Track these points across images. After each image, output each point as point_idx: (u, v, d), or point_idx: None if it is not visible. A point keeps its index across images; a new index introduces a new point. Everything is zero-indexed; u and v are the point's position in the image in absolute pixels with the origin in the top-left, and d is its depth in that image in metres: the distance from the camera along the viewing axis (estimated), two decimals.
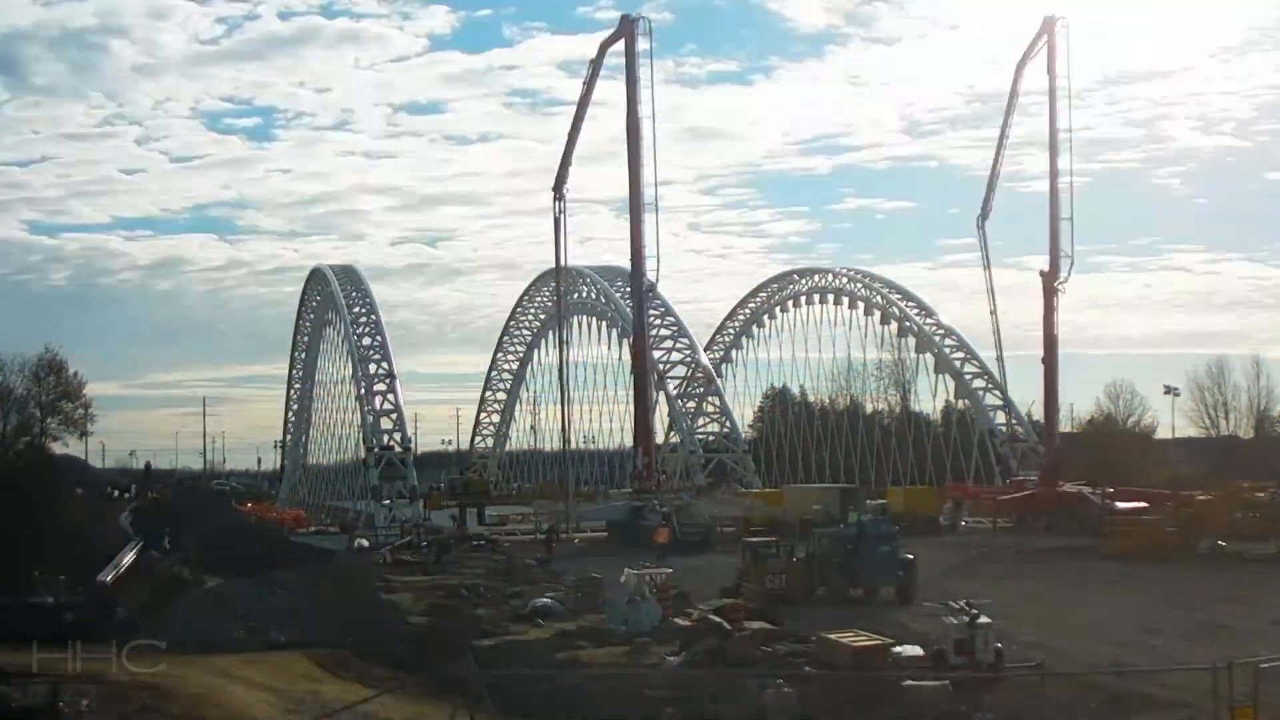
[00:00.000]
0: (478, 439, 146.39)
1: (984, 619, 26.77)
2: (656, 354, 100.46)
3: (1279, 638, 30.98)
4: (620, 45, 75.84)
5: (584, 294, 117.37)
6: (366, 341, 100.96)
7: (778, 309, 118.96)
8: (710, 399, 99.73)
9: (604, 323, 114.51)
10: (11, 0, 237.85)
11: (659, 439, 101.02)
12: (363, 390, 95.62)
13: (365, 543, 72.29)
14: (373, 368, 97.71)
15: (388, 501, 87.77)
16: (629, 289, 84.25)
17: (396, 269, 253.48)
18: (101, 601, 43.98)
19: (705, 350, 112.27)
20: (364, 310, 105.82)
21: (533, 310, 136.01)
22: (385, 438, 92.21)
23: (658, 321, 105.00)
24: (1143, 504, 63.18)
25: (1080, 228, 76.42)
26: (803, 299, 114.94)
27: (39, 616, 55.81)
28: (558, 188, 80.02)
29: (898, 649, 28.25)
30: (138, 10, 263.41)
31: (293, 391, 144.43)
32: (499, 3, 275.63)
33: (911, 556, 40.63)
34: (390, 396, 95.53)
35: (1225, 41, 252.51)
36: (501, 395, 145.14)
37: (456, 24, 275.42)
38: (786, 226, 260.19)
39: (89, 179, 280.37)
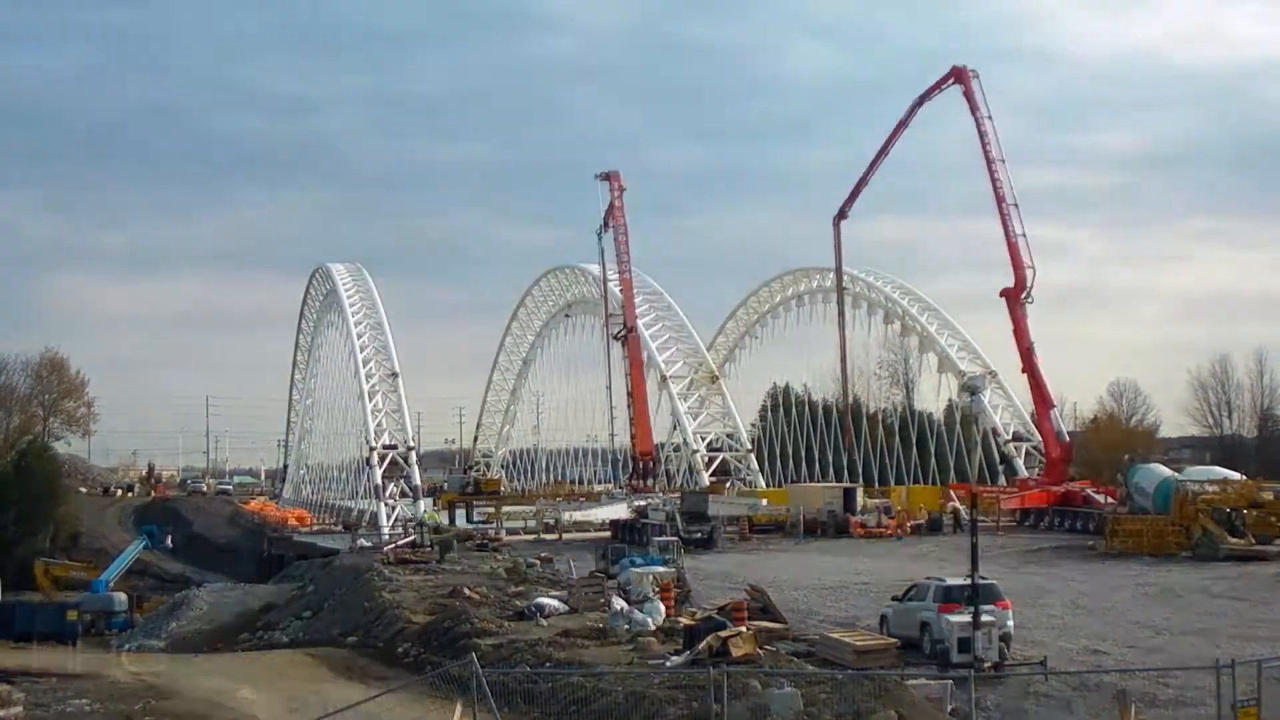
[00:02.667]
0: (480, 438, 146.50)
1: (987, 617, 26.70)
2: (661, 355, 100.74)
3: None
4: None
5: (585, 293, 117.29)
6: (370, 340, 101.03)
7: (780, 308, 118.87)
8: (713, 399, 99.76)
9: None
10: None
11: (662, 438, 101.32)
12: (365, 389, 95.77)
13: (367, 542, 72.34)
14: (375, 366, 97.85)
15: (391, 501, 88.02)
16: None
17: None
18: None
19: (708, 350, 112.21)
20: (367, 309, 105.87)
21: (535, 309, 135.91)
22: (388, 436, 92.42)
23: (661, 320, 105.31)
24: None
25: None
26: (805, 298, 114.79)
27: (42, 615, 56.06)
28: None
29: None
30: None
31: (295, 391, 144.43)
32: None
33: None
34: (393, 395, 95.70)
35: None
36: (504, 395, 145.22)
37: None
38: None
39: None
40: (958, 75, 74.54)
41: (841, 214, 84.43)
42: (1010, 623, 28.51)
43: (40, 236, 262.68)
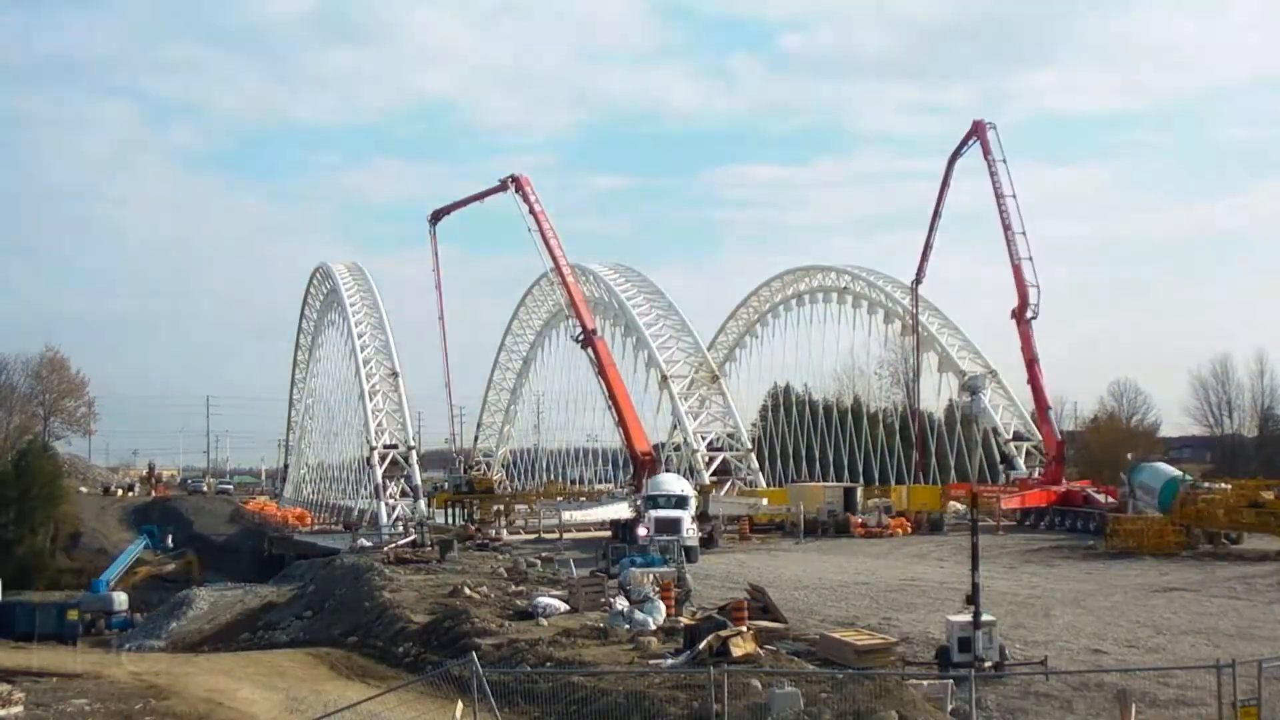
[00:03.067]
0: (480, 438, 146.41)
1: (988, 616, 26.68)
2: (661, 354, 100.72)
3: None
4: None
5: (588, 292, 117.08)
6: (370, 339, 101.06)
7: (781, 307, 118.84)
8: (714, 398, 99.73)
9: (607, 321, 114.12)
10: None
11: (662, 438, 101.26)
12: (365, 389, 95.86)
13: (367, 542, 72.44)
14: (376, 366, 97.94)
15: (391, 500, 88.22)
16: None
17: None
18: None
19: (709, 349, 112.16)
20: (368, 308, 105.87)
21: (535, 309, 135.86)
22: (388, 436, 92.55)
23: (661, 319, 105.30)
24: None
25: None
26: (806, 297, 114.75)
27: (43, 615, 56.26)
28: None
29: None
30: None
31: (296, 390, 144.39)
32: None
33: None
34: (393, 395, 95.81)
35: None
36: (505, 394, 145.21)
37: None
38: None
39: None
40: (978, 128, 79.76)
41: (918, 279, 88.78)
42: None
43: None
